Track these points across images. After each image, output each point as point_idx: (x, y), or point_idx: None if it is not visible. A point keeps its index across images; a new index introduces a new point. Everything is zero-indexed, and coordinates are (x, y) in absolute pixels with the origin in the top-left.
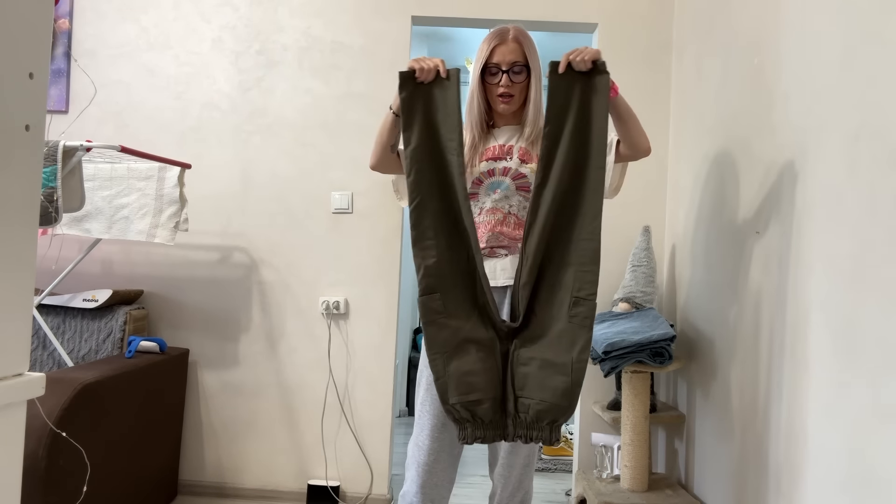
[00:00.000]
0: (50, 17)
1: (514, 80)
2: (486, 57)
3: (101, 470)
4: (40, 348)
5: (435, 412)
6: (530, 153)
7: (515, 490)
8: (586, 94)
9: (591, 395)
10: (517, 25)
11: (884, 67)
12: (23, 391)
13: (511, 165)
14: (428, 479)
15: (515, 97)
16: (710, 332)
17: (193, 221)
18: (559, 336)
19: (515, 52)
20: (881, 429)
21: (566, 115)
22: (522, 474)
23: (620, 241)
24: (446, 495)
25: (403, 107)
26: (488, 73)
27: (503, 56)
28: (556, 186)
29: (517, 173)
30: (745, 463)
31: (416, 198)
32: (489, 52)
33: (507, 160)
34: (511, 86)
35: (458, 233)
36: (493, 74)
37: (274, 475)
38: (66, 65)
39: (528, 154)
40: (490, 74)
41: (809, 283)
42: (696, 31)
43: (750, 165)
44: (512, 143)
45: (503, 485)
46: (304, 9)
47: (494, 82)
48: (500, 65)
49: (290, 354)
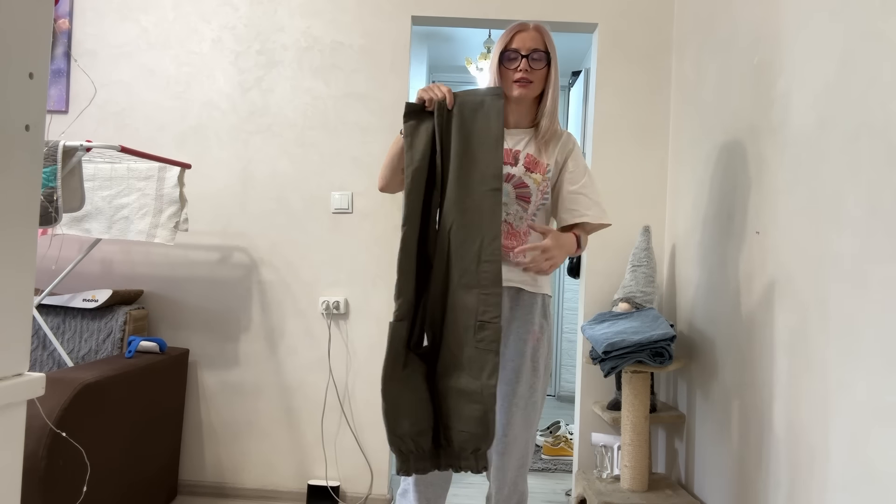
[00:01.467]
0: (50, 17)
1: (533, 66)
2: (506, 42)
3: (101, 470)
4: (40, 348)
5: None
6: (537, 161)
7: (511, 492)
8: (474, 121)
9: (591, 395)
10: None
11: (884, 67)
12: (23, 391)
13: (514, 172)
14: (423, 477)
15: (534, 84)
16: (710, 332)
17: (193, 221)
18: (469, 362)
19: (536, 40)
20: (881, 429)
21: (454, 139)
22: (517, 476)
23: (620, 241)
24: (442, 494)
25: (407, 130)
26: (507, 58)
27: (523, 42)
28: (455, 208)
29: (519, 181)
30: (745, 463)
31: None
32: (509, 39)
33: (512, 167)
34: (530, 71)
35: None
36: (511, 59)
37: (274, 475)
38: (66, 65)
39: (534, 163)
40: (509, 60)
41: (809, 283)
42: (696, 31)
43: (750, 165)
44: (520, 147)
45: (498, 486)
46: (304, 9)
47: (513, 67)
48: (519, 50)
49: (290, 354)
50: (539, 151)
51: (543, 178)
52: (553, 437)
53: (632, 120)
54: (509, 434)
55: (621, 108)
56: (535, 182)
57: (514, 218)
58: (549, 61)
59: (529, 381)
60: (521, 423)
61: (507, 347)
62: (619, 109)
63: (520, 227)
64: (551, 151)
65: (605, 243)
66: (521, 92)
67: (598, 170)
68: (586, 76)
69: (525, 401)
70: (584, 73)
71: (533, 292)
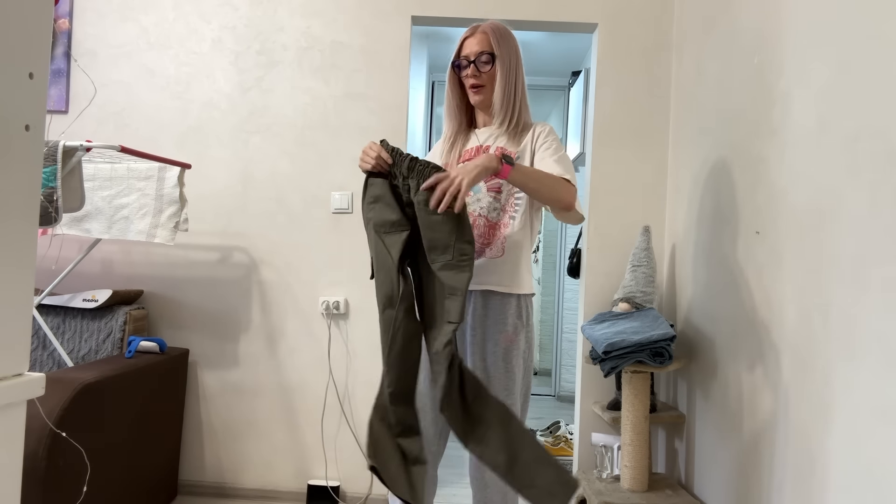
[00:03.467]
0: (50, 17)
1: (480, 69)
2: (456, 51)
3: (100, 470)
4: (40, 348)
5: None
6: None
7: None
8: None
9: (591, 395)
10: (496, 21)
11: (884, 67)
12: (23, 391)
13: None
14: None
15: (486, 87)
16: (710, 332)
17: (193, 221)
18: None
19: (482, 43)
20: (881, 429)
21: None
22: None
23: (620, 241)
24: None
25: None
26: (458, 66)
27: (470, 48)
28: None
29: None
30: (745, 463)
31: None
32: (459, 46)
33: None
34: (479, 76)
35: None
36: (462, 67)
37: (274, 475)
38: (66, 65)
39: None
40: (460, 68)
41: (809, 283)
42: (697, 30)
43: (750, 165)
44: (489, 143)
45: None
46: (304, 9)
47: (464, 74)
48: (468, 56)
49: (290, 354)
50: (509, 143)
51: None
52: (553, 437)
53: (632, 120)
54: None
55: (621, 108)
56: None
57: (489, 210)
58: (494, 60)
59: (503, 384)
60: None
61: (482, 347)
62: (619, 109)
63: (497, 219)
64: (522, 142)
65: (605, 243)
66: (477, 98)
67: (598, 170)
68: (586, 76)
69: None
70: (584, 73)
71: (505, 293)
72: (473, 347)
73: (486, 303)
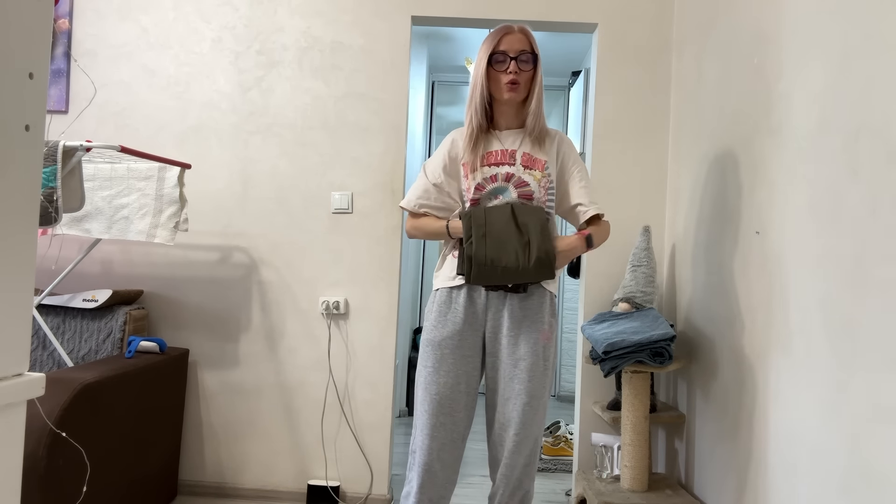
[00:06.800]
0: (50, 17)
1: (521, 67)
2: (493, 45)
3: (100, 470)
4: (40, 348)
5: (433, 411)
6: (534, 158)
7: (516, 489)
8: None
9: (591, 395)
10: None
11: (884, 67)
12: (23, 391)
13: (514, 172)
14: (427, 480)
15: (521, 86)
16: (710, 332)
17: (193, 221)
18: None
19: (523, 42)
20: (880, 429)
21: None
22: (523, 474)
23: (620, 241)
24: (447, 495)
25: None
26: (496, 61)
27: (511, 44)
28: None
29: (520, 181)
30: (745, 463)
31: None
32: (497, 41)
33: (511, 166)
34: (519, 73)
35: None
36: (500, 62)
37: (274, 475)
38: (66, 65)
39: (531, 160)
40: (498, 62)
41: (809, 283)
42: (697, 30)
43: (750, 165)
44: (515, 147)
45: (505, 484)
46: (304, 9)
47: (503, 69)
48: (508, 52)
49: (290, 354)
50: (534, 149)
51: (543, 174)
52: (553, 437)
53: (632, 120)
54: (521, 432)
55: (621, 108)
56: (535, 179)
57: None
58: (535, 62)
59: (541, 380)
60: (534, 422)
61: (518, 346)
62: (618, 109)
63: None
64: (547, 149)
65: (605, 243)
66: (511, 95)
67: (598, 170)
68: (586, 76)
69: (538, 400)
70: (584, 73)
71: (542, 289)
72: (511, 348)
73: (522, 303)
